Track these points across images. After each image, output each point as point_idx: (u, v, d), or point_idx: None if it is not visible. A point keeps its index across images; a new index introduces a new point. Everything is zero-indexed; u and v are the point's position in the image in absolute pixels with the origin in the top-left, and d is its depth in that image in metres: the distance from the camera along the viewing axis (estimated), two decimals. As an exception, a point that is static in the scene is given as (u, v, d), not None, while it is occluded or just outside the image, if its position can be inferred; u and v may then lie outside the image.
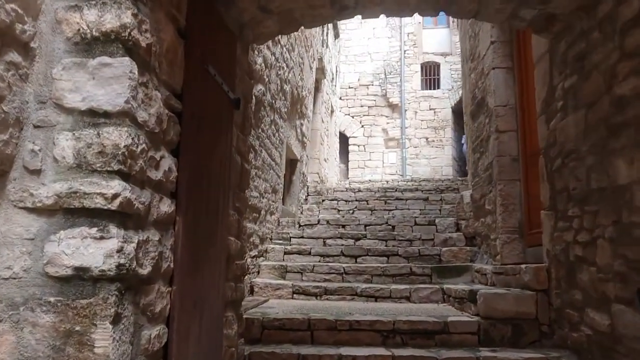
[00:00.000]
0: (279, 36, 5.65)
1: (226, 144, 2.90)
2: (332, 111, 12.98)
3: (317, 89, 10.13)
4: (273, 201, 6.12)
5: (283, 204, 7.69)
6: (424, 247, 5.65)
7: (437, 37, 16.68)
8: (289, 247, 5.85)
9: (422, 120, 16.34)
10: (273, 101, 5.59)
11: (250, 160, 4.32)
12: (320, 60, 9.49)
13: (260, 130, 5.05)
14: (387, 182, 13.46)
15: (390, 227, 6.35)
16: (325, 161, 11.34)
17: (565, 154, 3.16)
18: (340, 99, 16.19)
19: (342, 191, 9.90)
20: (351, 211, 8.06)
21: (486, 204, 5.16)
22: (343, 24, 16.37)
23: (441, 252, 5.55)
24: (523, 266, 3.65)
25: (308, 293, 4.97)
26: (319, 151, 10.09)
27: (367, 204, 8.36)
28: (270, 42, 5.15)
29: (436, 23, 16.98)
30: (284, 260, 5.76)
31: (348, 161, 16.52)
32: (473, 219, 5.73)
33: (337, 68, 14.21)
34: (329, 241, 6.07)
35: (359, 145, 16.47)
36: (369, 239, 6.02)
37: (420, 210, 7.90)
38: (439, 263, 5.45)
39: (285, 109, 6.42)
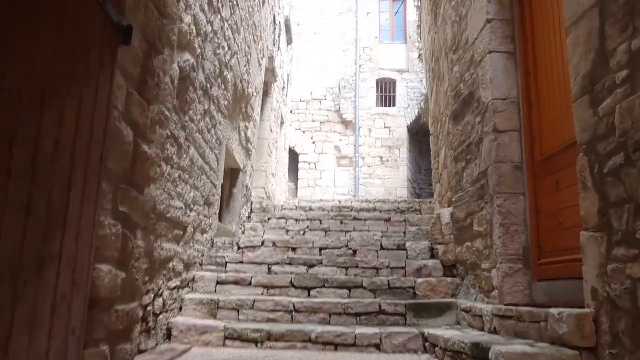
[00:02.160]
0: (219, 4, 4.44)
1: (97, 101, 1.64)
2: (282, 122, 11.81)
3: (267, 93, 8.96)
4: (206, 216, 4.81)
5: (220, 221, 6.37)
6: (394, 278, 4.50)
7: (394, 53, 16.02)
8: (223, 276, 4.54)
9: (376, 139, 15.49)
10: (208, 85, 4.34)
11: (161, 147, 3.04)
12: (271, 60, 8.34)
13: (187, 119, 3.78)
14: (340, 202, 12.38)
15: (351, 251, 5.17)
16: (273, 176, 10.11)
17: (633, 147, 2.12)
18: (292, 112, 15.09)
19: (291, 209, 8.68)
20: (302, 232, 6.85)
21: (475, 224, 4.10)
22: (297, 34, 15.44)
23: (416, 284, 4.42)
24: (554, 311, 2.55)
25: (246, 339, 3.69)
26: (266, 163, 8.85)
27: (321, 224, 7.17)
28: (206, 6, 3.94)
29: (393, 39, 16.37)
30: (216, 292, 4.44)
31: (297, 179, 15.35)
32: (454, 244, 4.66)
33: (289, 77, 13.12)
34: (275, 268, 4.81)
35: (309, 163, 15.36)
36: (326, 265, 4.81)
37: (382, 232, 6.80)
38: (414, 298, 4.31)
39: (226, 102, 5.17)
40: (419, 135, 15.70)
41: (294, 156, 15.13)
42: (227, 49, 4.86)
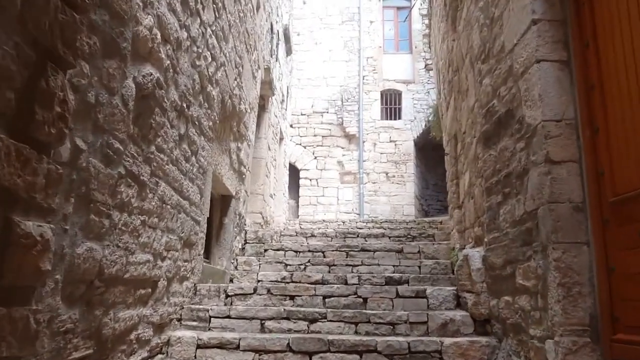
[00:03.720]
0: (198, 5, 3.64)
1: None
2: (281, 138, 11.02)
3: (263, 107, 8.17)
4: (186, 260, 3.99)
5: (207, 257, 5.54)
6: (415, 340, 3.65)
7: (399, 64, 15.28)
8: (205, 336, 3.70)
9: (381, 153, 14.69)
10: (184, 105, 3.53)
11: (109, 192, 2.22)
12: (268, 71, 7.56)
13: (154, 149, 2.96)
14: (344, 222, 11.59)
15: (361, 299, 4.33)
16: (272, 197, 9.29)
17: None
18: (292, 126, 14.32)
19: (291, 236, 7.84)
20: (303, 266, 6.01)
21: (519, 276, 3.27)
22: (297, 44, 14.74)
23: (442, 347, 3.57)
24: None
25: None
26: (263, 185, 8.04)
27: (324, 256, 6.34)
28: (178, 5, 3.14)
29: (398, 48, 15.64)
30: (195, 358, 3.60)
31: (299, 197, 14.53)
32: (487, 294, 3.82)
33: (289, 90, 12.36)
34: (269, 324, 3.97)
35: (311, 179, 14.55)
36: (331, 320, 3.97)
37: (394, 267, 5.98)
38: (441, 367, 3.46)
39: (210, 123, 4.37)
40: (425, 149, 14.90)
41: (294, 172, 14.34)
42: (210, 59, 4.07)
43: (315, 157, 14.68)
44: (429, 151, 14.78)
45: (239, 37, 5.23)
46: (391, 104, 15.15)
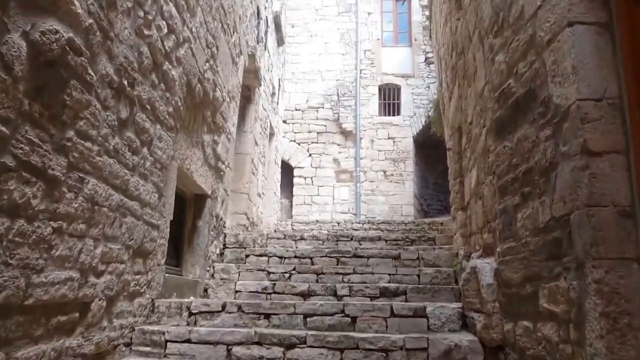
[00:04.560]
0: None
1: None
2: (272, 133, 10.34)
3: (249, 99, 7.49)
4: (137, 273, 3.32)
5: (178, 266, 4.87)
6: (413, 371, 2.98)
7: (398, 57, 14.59)
8: (157, 367, 3.03)
9: (379, 151, 14.00)
10: (124, 81, 2.84)
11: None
12: (253, 58, 6.87)
13: (73, 134, 2.29)
14: (339, 223, 10.91)
15: (349, 319, 3.66)
16: (260, 197, 8.62)
17: None
18: (285, 122, 13.64)
19: (278, 239, 7.18)
20: (287, 274, 5.35)
21: (543, 298, 2.60)
22: (291, 36, 14.07)
23: (446, 382, 2.90)
24: None
25: None
26: (248, 183, 7.36)
27: (312, 263, 5.69)
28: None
29: (397, 41, 14.96)
30: (143, 396, 2.94)
31: (292, 196, 13.85)
32: (501, 315, 3.15)
33: (281, 83, 11.68)
34: (237, 350, 3.30)
35: (305, 178, 13.86)
36: (311, 346, 3.29)
37: (389, 275, 5.31)
38: (444, 409, 2.79)
39: (170, 109, 3.69)
40: (425, 146, 14.23)
41: (288, 170, 13.66)
42: (165, 30, 3.40)
43: (310, 155, 14.00)
44: (429, 148, 14.10)
45: (212, 12, 4.56)
46: (390, 99, 14.47)
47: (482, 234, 3.82)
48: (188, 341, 3.35)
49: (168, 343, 3.34)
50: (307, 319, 3.68)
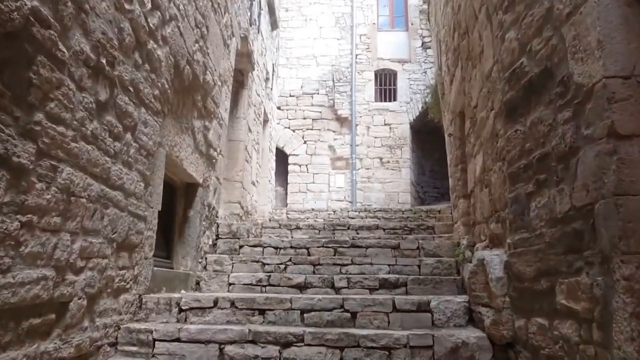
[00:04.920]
0: None
1: None
2: (266, 120, 10.07)
3: (242, 83, 7.22)
4: (122, 268, 3.10)
5: (169, 258, 4.66)
6: (418, 371, 2.79)
7: (394, 42, 14.30)
8: (144, 368, 2.82)
9: (375, 138, 13.77)
10: (102, 60, 2.59)
11: None
12: (245, 41, 6.59)
13: (42, 117, 2.05)
14: (335, 212, 10.70)
15: (348, 314, 3.46)
16: (254, 185, 8.38)
17: None
18: (280, 108, 13.36)
19: (273, 228, 6.99)
20: (283, 266, 5.14)
21: (560, 293, 2.41)
22: (285, 21, 13.72)
23: (454, 383, 2.71)
24: None
25: None
26: (242, 171, 7.12)
27: (308, 253, 5.49)
28: None
29: (393, 25, 14.65)
30: (129, 400, 2.74)
31: (287, 184, 13.62)
32: (511, 310, 2.96)
33: (275, 68, 11.38)
34: (230, 349, 3.09)
35: (300, 165, 13.63)
36: (309, 344, 3.10)
37: (389, 266, 5.12)
38: (452, 412, 2.61)
39: (157, 92, 3.44)
40: (422, 132, 14.01)
41: (282, 157, 13.42)
42: (149, 6, 3.14)
43: (305, 142, 13.75)
44: (425, 135, 13.89)
45: (201, -10, 4.29)
46: (386, 85, 14.20)
47: (489, 223, 3.61)
48: (177, 340, 3.14)
49: (156, 342, 3.13)
50: (305, 314, 3.48)
